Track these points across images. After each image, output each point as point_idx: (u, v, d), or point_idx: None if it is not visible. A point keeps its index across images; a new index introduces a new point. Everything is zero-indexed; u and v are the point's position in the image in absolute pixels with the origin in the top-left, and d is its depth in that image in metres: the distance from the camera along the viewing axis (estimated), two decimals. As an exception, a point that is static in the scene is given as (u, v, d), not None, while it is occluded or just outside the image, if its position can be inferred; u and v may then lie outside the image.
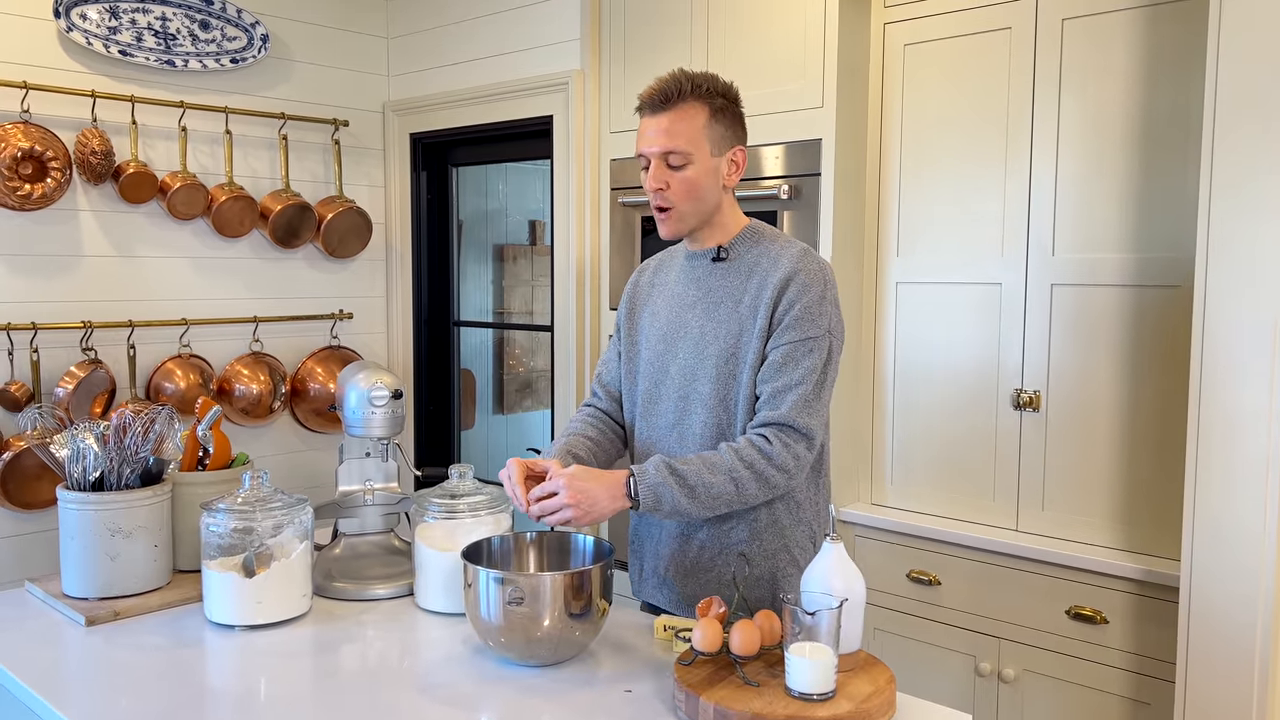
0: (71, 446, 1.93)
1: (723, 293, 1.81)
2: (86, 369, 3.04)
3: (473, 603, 1.61)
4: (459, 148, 3.84)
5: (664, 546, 1.87)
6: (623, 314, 2.00)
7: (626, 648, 1.71)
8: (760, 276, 1.78)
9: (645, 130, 1.78)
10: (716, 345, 1.79)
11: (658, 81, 1.78)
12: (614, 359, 2.01)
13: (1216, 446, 2.01)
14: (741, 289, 1.79)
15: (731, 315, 1.79)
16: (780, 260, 1.77)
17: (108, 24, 3.13)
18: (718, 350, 1.79)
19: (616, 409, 2.00)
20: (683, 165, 1.75)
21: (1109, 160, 2.37)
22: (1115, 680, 2.31)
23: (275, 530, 1.82)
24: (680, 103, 1.75)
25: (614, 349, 2.02)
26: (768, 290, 1.75)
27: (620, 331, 2.00)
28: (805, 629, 1.37)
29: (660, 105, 1.76)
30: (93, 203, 3.15)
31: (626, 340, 1.97)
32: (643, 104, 1.80)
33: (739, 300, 1.79)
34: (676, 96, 1.75)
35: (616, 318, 2.02)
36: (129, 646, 1.73)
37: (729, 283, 1.81)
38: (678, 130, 1.74)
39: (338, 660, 1.69)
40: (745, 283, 1.79)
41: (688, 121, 1.75)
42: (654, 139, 1.76)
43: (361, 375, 2.06)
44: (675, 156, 1.75)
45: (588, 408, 2.03)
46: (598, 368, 2.06)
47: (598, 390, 2.03)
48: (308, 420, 3.64)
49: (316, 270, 3.69)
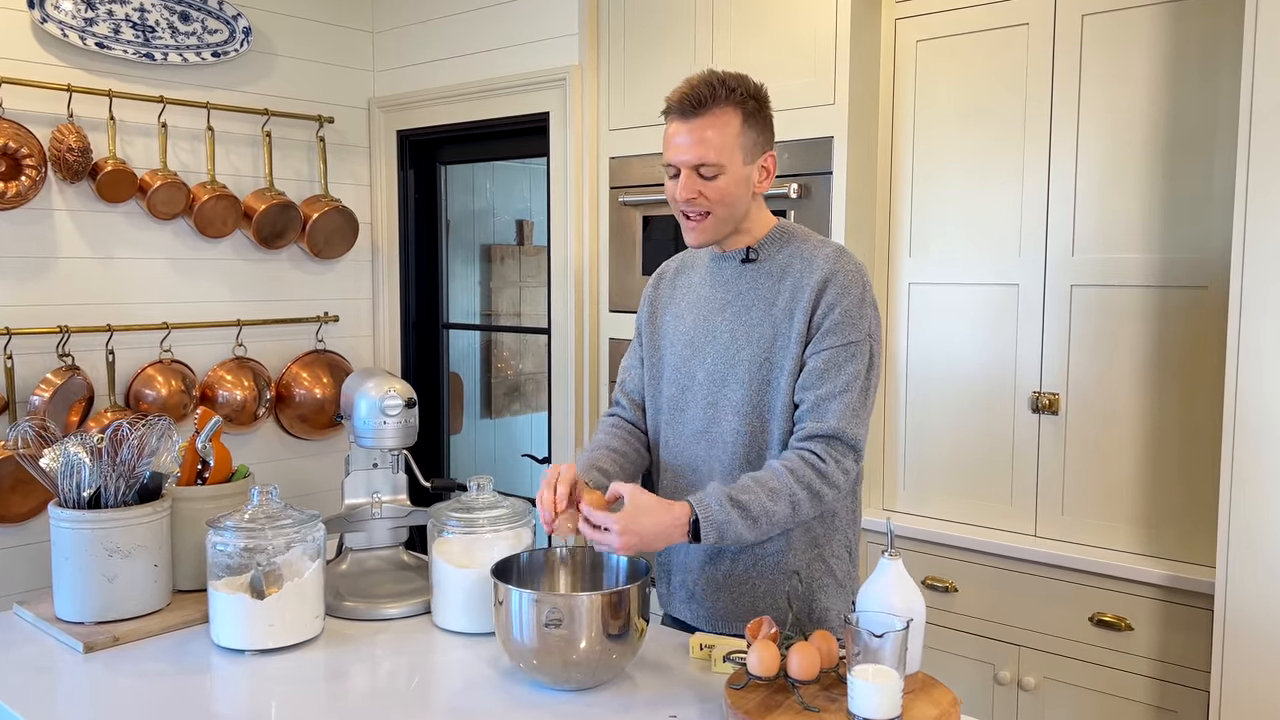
0: (63, 460, 1.81)
1: (754, 295, 1.74)
2: (63, 376, 2.91)
3: (504, 624, 1.52)
4: (448, 145, 3.73)
5: (693, 560, 1.79)
6: (644, 318, 1.92)
7: (663, 669, 1.63)
8: (794, 278, 1.71)
9: (674, 137, 1.68)
10: (749, 350, 1.72)
11: (688, 84, 1.67)
12: (636, 365, 1.93)
13: (1252, 451, 1.97)
14: (775, 291, 1.72)
15: (764, 319, 1.72)
16: (815, 261, 1.71)
17: (84, 15, 2.99)
18: (750, 355, 1.72)
19: (640, 417, 1.92)
20: (715, 176, 1.66)
21: (1131, 158, 2.33)
22: (1141, 688, 2.27)
23: (285, 548, 1.72)
24: (714, 108, 1.64)
25: (635, 355, 1.94)
26: (805, 293, 1.68)
27: (641, 336, 1.92)
28: (869, 651, 1.30)
29: (691, 111, 1.65)
30: (69, 202, 3.01)
31: (649, 345, 1.90)
32: (671, 107, 1.69)
33: (772, 303, 1.72)
34: (710, 101, 1.64)
35: (637, 322, 1.94)
36: (132, 674, 1.62)
37: (760, 285, 1.74)
38: (710, 140, 1.64)
39: (355, 685, 1.60)
40: (778, 285, 1.72)
41: (720, 130, 1.65)
42: (686, 149, 1.66)
43: (372, 383, 1.97)
44: (708, 168, 1.65)
45: (611, 417, 1.95)
46: (619, 375, 1.98)
47: (620, 399, 1.95)
48: (293, 427, 3.53)
49: (301, 271, 3.57)
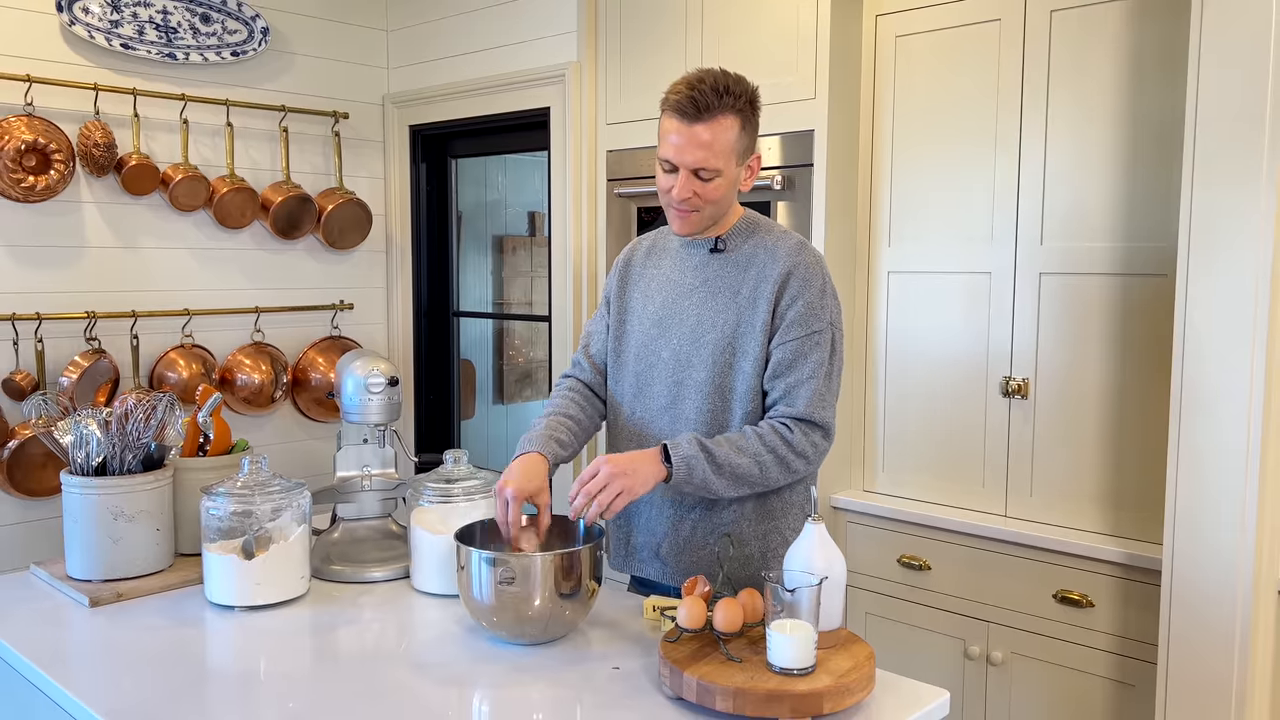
0: (75, 433, 1.97)
1: (720, 282, 1.85)
2: (90, 359, 3.09)
3: (465, 583, 1.65)
4: (458, 140, 3.87)
5: (656, 524, 1.90)
6: (613, 286, 2.01)
7: (616, 627, 1.75)
8: (758, 269, 1.82)
9: (671, 135, 1.73)
10: (714, 334, 1.83)
11: (690, 86, 1.71)
12: (602, 331, 2.02)
13: (1194, 433, 2.05)
14: (739, 280, 1.83)
15: (729, 305, 1.83)
16: (777, 253, 1.81)
17: (110, 17, 3.17)
18: (715, 338, 1.83)
19: (600, 382, 2.02)
20: (711, 178, 1.74)
21: (1097, 150, 2.40)
22: (1101, 662, 2.35)
23: (274, 514, 1.86)
24: (717, 115, 1.70)
25: (601, 321, 2.03)
26: (768, 284, 1.79)
27: (609, 304, 2.01)
28: (786, 606, 1.41)
29: (695, 115, 1.70)
30: (95, 194, 3.19)
31: (615, 315, 1.99)
32: (673, 106, 1.73)
33: (736, 291, 1.83)
34: (716, 108, 1.70)
35: (606, 287, 2.04)
36: (132, 627, 1.77)
37: (726, 273, 1.85)
38: (710, 145, 1.71)
39: (335, 640, 1.73)
40: (743, 274, 1.83)
41: (721, 135, 1.71)
42: (687, 152, 1.72)
43: (358, 363, 2.10)
44: (707, 172, 1.73)
45: (570, 379, 2.04)
46: (583, 338, 2.06)
47: (582, 361, 2.04)
48: (309, 409, 3.69)
49: (317, 261, 3.73)
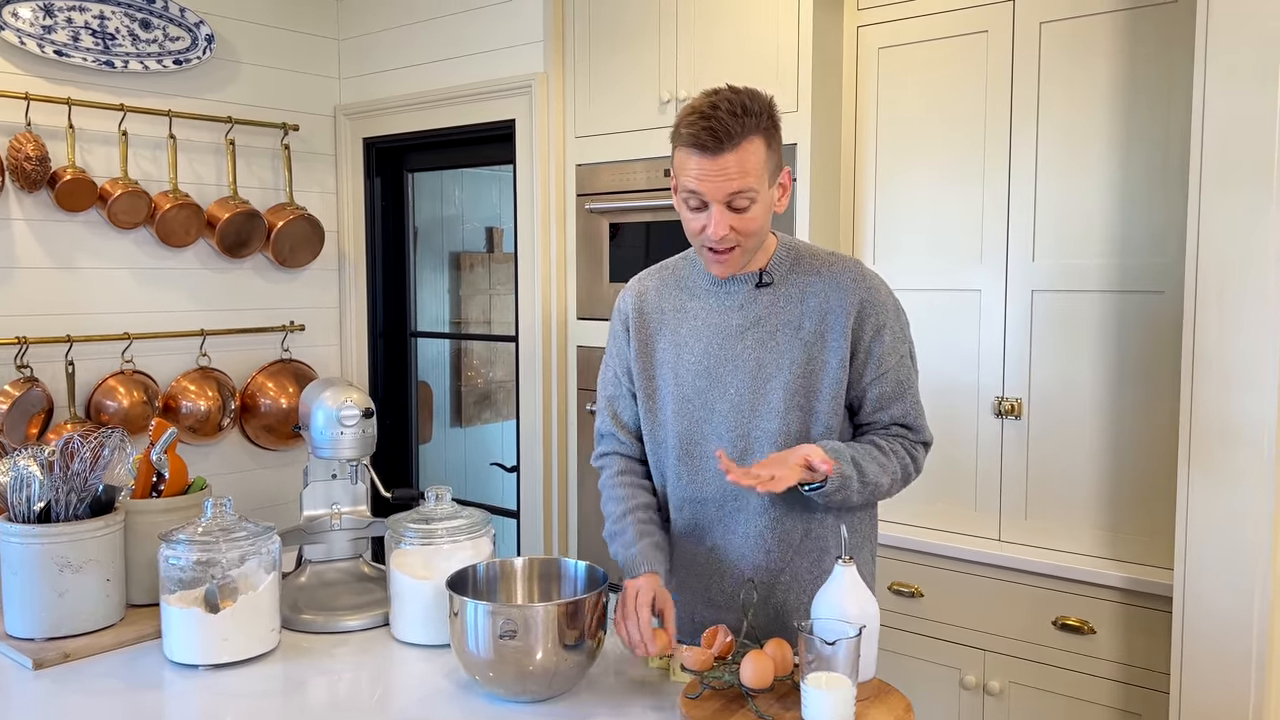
0: (14, 474, 1.78)
1: (777, 319, 1.66)
2: (21, 388, 2.87)
3: (459, 635, 1.51)
4: (415, 153, 3.72)
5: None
6: (631, 345, 1.78)
7: (621, 677, 1.62)
8: (819, 300, 1.65)
9: (692, 169, 1.55)
10: (781, 376, 1.65)
11: (703, 116, 1.53)
12: (627, 397, 1.81)
13: (1211, 455, 1.99)
14: (798, 314, 1.66)
15: (793, 343, 1.65)
16: (840, 281, 1.66)
17: (42, 23, 2.96)
18: (784, 381, 1.65)
19: (642, 450, 1.82)
20: (748, 206, 1.56)
21: (1089, 165, 2.34)
22: (1104, 691, 2.28)
23: (240, 561, 1.70)
24: (740, 140, 1.52)
25: (621, 385, 1.81)
26: (836, 317, 1.64)
27: (631, 365, 1.79)
28: (821, 659, 1.30)
29: (717, 146, 1.52)
30: (27, 211, 2.98)
31: (641, 376, 1.77)
32: (689, 140, 1.54)
33: (798, 326, 1.65)
34: (739, 133, 1.52)
35: (613, 346, 1.82)
36: (83, 691, 1.59)
37: (780, 308, 1.67)
38: (742, 170, 1.53)
39: (312, 700, 1.57)
40: (800, 307, 1.66)
41: (749, 159, 1.54)
42: (716, 185, 1.54)
43: (329, 393, 1.95)
44: (742, 197, 1.55)
45: (611, 457, 1.83)
46: (604, 406, 1.84)
47: (619, 435, 1.82)
48: (259, 437, 3.49)
49: (266, 281, 3.54)
